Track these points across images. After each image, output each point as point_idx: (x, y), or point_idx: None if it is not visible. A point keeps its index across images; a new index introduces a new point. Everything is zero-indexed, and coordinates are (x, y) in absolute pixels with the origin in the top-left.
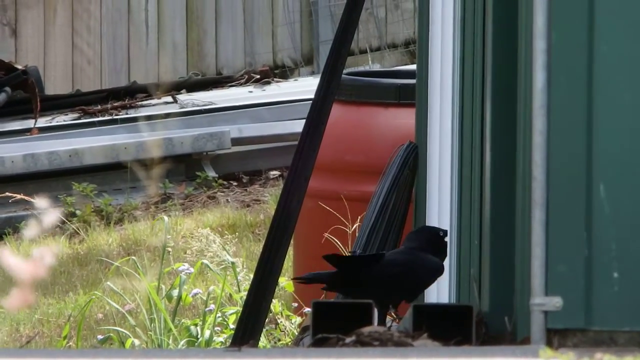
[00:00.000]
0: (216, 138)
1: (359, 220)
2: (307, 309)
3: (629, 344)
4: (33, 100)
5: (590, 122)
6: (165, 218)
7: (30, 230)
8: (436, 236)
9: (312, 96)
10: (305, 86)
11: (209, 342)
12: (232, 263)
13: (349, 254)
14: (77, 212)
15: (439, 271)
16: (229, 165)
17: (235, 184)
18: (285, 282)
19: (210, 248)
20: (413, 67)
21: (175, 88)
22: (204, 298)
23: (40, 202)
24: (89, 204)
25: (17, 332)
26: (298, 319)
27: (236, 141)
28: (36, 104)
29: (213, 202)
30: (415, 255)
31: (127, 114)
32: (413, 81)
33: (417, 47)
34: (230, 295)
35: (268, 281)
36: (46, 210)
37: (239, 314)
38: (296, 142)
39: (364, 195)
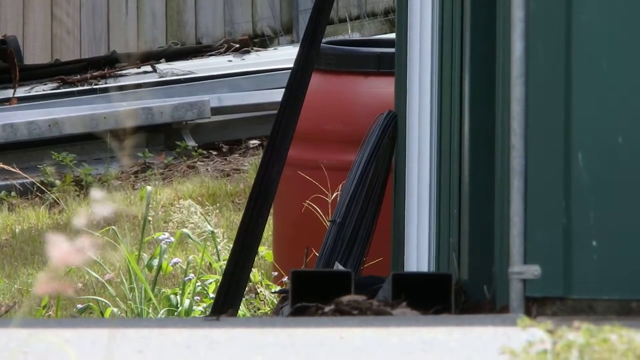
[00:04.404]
0: (196, 107)
1: (338, 189)
2: (287, 278)
3: (608, 312)
4: (12, 70)
5: (568, 90)
6: (149, 188)
7: None
8: None
9: (292, 65)
10: (284, 55)
11: (188, 312)
12: (212, 232)
13: (329, 222)
14: (57, 182)
15: None
16: (209, 134)
17: (215, 153)
18: (264, 251)
19: (190, 218)
20: (392, 35)
21: (155, 57)
22: (184, 267)
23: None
24: (68, 174)
25: None
26: (278, 288)
27: (216, 110)
28: (15, 73)
29: (193, 171)
30: None
31: (106, 83)
32: (393, 50)
33: (397, 15)
34: (210, 264)
35: (248, 250)
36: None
37: (219, 283)
38: (276, 112)
39: (344, 164)
